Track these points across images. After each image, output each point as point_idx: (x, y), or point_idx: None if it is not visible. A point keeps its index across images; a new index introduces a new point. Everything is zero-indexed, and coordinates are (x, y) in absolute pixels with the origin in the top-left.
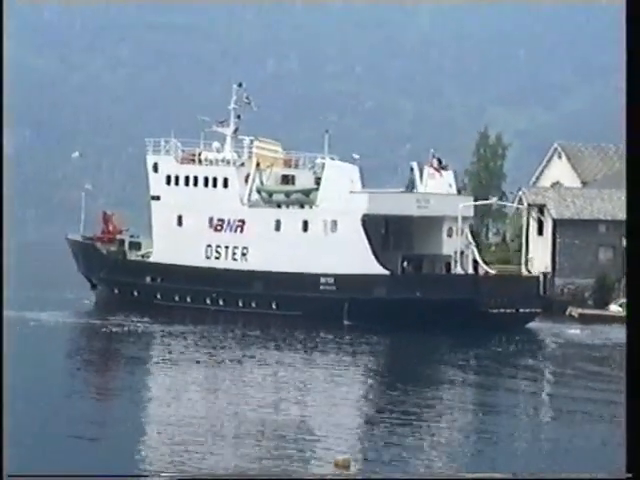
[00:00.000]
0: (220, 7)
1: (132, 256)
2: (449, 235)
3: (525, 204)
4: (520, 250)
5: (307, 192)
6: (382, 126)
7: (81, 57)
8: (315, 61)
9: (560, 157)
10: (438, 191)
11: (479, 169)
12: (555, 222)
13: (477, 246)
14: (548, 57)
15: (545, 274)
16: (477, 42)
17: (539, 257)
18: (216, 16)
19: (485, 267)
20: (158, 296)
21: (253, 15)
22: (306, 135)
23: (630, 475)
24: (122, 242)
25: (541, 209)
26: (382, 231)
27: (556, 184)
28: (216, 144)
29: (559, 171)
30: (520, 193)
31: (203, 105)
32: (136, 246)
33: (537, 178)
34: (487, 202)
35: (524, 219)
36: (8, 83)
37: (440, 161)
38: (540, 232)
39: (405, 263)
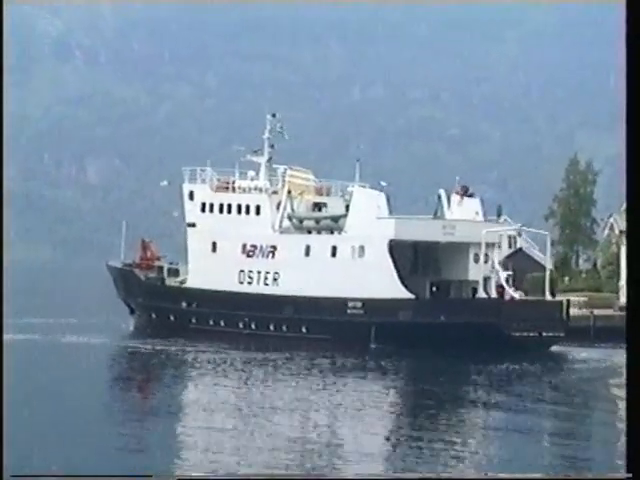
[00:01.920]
0: (305, 36)
1: (170, 282)
2: (475, 261)
3: (617, 231)
4: (612, 277)
5: (336, 218)
6: (468, 152)
7: (169, 87)
8: (400, 88)
9: None
10: (464, 218)
11: (569, 195)
12: None
13: (568, 273)
14: None
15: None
16: (564, 68)
17: None
18: (301, 44)
19: (511, 292)
20: (193, 320)
21: (337, 43)
22: (391, 162)
23: (630, 475)
24: (161, 269)
25: None
26: (410, 256)
27: None
28: (251, 173)
29: None
30: (611, 220)
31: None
32: (174, 272)
33: None
34: (512, 228)
35: (615, 246)
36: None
37: (466, 189)
38: None
39: (433, 288)
